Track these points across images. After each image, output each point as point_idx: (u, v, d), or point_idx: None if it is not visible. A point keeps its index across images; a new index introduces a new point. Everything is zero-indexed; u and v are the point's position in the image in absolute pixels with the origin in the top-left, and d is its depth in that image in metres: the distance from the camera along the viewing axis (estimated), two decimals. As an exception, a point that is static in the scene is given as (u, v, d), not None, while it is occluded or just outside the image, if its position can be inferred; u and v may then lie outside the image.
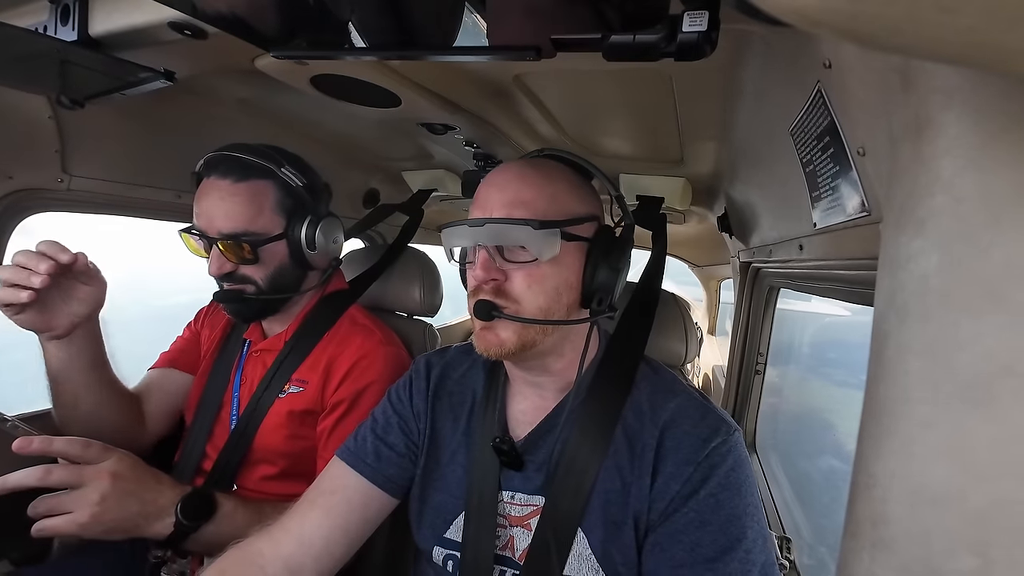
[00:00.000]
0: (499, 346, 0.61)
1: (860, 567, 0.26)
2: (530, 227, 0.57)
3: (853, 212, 0.50)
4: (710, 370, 2.56)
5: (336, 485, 0.71)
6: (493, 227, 0.59)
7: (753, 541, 0.56)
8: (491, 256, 0.61)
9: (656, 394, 0.66)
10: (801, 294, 1.29)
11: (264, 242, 0.87)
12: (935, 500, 0.23)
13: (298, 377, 0.94)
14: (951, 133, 0.23)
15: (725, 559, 0.54)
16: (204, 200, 0.86)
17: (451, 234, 0.63)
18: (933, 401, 0.23)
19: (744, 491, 0.58)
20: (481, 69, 0.77)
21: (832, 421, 2.32)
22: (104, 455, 0.69)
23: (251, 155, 0.87)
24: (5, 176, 0.86)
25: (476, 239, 0.60)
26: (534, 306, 0.61)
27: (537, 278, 0.60)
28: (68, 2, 0.64)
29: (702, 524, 0.56)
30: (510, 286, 0.61)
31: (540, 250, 0.59)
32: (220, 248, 0.85)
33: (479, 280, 0.61)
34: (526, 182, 0.62)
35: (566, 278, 0.62)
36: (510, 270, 0.61)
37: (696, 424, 0.61)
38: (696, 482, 0.58)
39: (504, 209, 0.60)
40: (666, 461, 0.60)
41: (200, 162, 0.88)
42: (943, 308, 0.23)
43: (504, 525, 0.67)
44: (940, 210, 0.24)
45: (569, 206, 0.62)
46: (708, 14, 0.36)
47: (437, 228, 0.65)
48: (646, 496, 0.60)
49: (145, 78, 0.72)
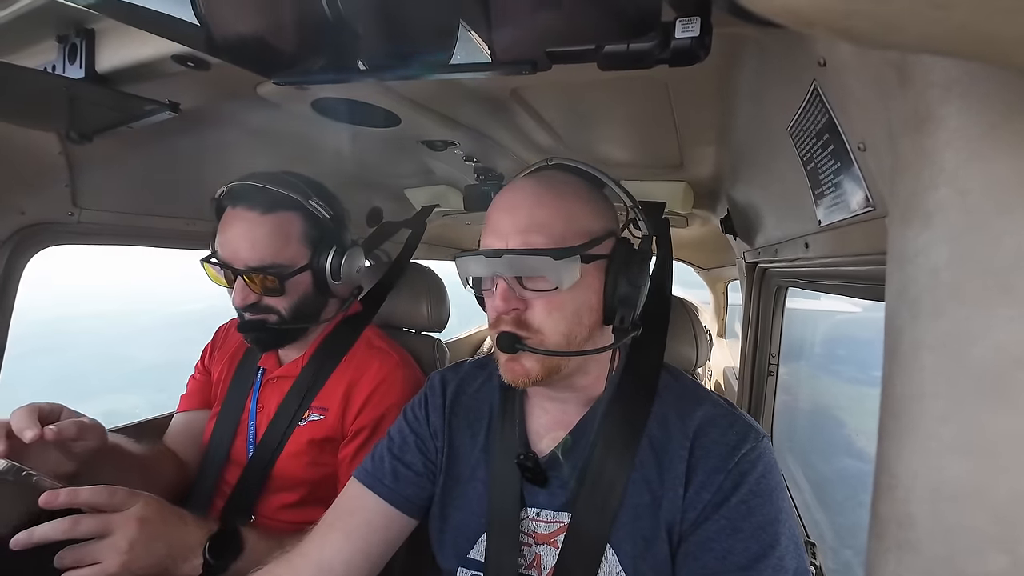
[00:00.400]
0: (525, 376, 0.61)
1: (887, 570, 0.25)
2: (550, 257, 0.56)
3: (857, 208, 0.50)
4: (721, 373, 2.53)
5: (355, 507, 0.70)
6: (511, 258, 0.57)
7: (786, 548, 0.54)
8: (510, 286, 0.59)
9: (682, 403, 0.65)
10: (809, 292, 1.28)
11: (290, 274, 0.87)
12: (956, 497, 0.22)
13: (318, 404, 0.93)
14: (951, 126, 0.23)
15: (758, 567, 0.53)
16: (229, 231, 0.85)
17: (467, 263, 0.61)
18: (948, 396, 0.23)
19: (775, 497, 0.57)
20: (478, 85, 0.78)
21: (843, 418, 2.28)
22: (130, 501, 0.67)
23: (278, 185, 0.87)
24: (18, 212, 0.88)
25: (493, 270, 0.59)
26: (556, 333, 0.60)
27: (557, 305, 0.59)
28: (75, 41, 0.66)
29: (734, 531, 0.55)
30: (530, 316, 0.60)
31: (560, 279, 0.57)
32: (245, 280, 0.85)
33: (499, 311, 0.59)
34: (540, 203, 0.60)
35: (587, 300, 0.61)
36: (530, 299, 0.60)
37: (725, 432, 0.61)
38: (727, 490, 0.57)
39: (520, 236, 0.59)
40: (697, 470, 0.59)
41: (222, 190, 0.88)
42: (955, 301, 0.23)
43: (529, 543, 0.65)
44: (946, 203, 0.23)
45: (586, 224, 0.61)
46: (700, 19, 0.37)
47: (452, 256, 0.64)
48: (679, 507, 0.59)
49: (151, 110, 0.74)
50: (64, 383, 23.67)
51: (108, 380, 25.41)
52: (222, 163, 1.11)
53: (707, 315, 3.28)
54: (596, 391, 0.68)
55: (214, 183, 0.91)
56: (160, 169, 1.05)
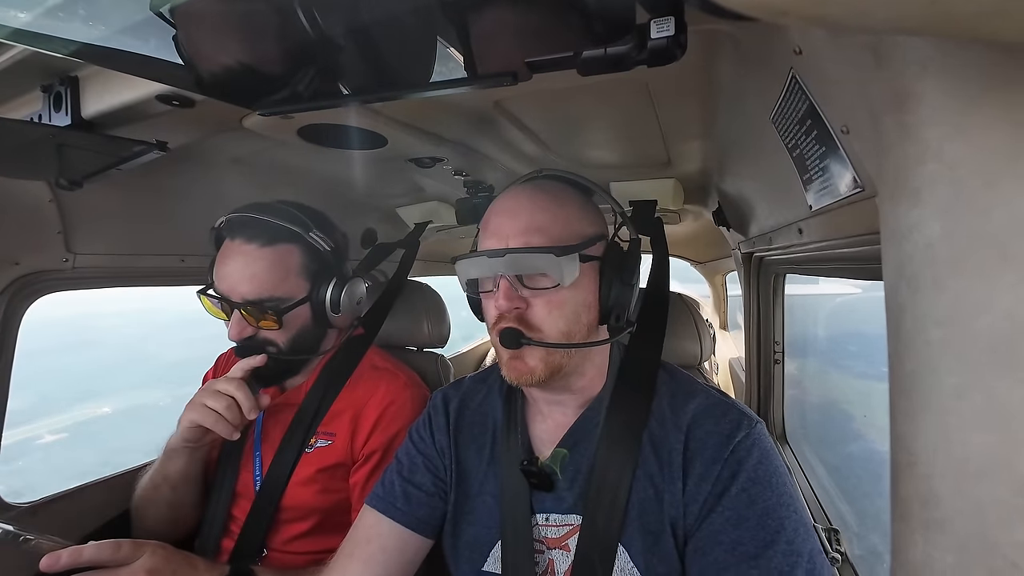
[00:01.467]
0: (529, 374, 0.61)
1: (915, 551, 0.25)
2: (552, 254, 0.58)
3: (846, 190, 0.50)
4: (727, 365, 2.53)
5: (371, 534, 0.70)
6: (513, 256, 0.59)
7: (794, 531, 0.54)
8: (512, 285, 0.60)
9: (676, 397, 0.66)
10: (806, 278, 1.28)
11: (288, 308, 0.86)
12: (981, 471, 0.22)
13: (324, 430, 0.92)
14: (931, 102, 0.24)
15: (768, 553, 0.53)
16: (228, 264, 0.84)
17: (468, 265, 0.63)
18: (961, 370, 0.23)
19: (775, 482, 0.57)
20: (461, 100, 0.79)
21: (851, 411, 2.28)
22: (136, 553, 0.66)
23: (278, 217, 0.86)
24: (12, 263, 0.88)
25: (496, 269, 0.60)
26: (556, 331, 0.61)
27: (557, 304, 0.61)
28: (60, 89, 0.67)
29: (739, 521, 0.56)
30: (531, 314, 0.61)
31: (562, 276, 0.59)
32: (242, 313, 0.84)
33: (502, 310, 0.60)
34: (538, 207, 0.62)
35: (584, 299, 0.62)
36: (530, 297, 0.61)
37: (718, 421, 0.61)
38: (726, 479, 0.58)
39: (521, 237, 0.60)
40: (694, 463, 0.60)
41: (222, 220, 0.87)
42: (955, 274, 0.23)
43: (541, 550, 0.65)
44: (934, 178, 0.24)
45: (580, 227, 0.63)
46: (674, 19, 0.37)
47: (451, 260, 0.66)
48: (679, 501, 0.59)
49: (139, 151, 0.75)
50: (92, 379, 23.76)
51: (133, 376, 25.57)
52: (213, 198, 1.12)
53: (708, 309, 3.29)
54: (593, 392, 0.69)
55: (206, 218, 0.91)
56: (151, 208, 1.05)
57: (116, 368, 27.51)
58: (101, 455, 22.41)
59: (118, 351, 30.60)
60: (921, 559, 0.25)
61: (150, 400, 19.88)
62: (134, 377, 25.03)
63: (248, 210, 0.87)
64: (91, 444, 24.36)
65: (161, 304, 39.62)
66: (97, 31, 0.44)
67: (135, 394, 22.54)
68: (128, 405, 28.05)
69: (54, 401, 25.06)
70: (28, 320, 0.94)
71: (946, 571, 0.23)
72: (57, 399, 25.50)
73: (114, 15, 0.42)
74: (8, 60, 0.62)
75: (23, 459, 23.33)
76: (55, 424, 26.93)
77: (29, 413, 24.35)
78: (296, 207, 0.91)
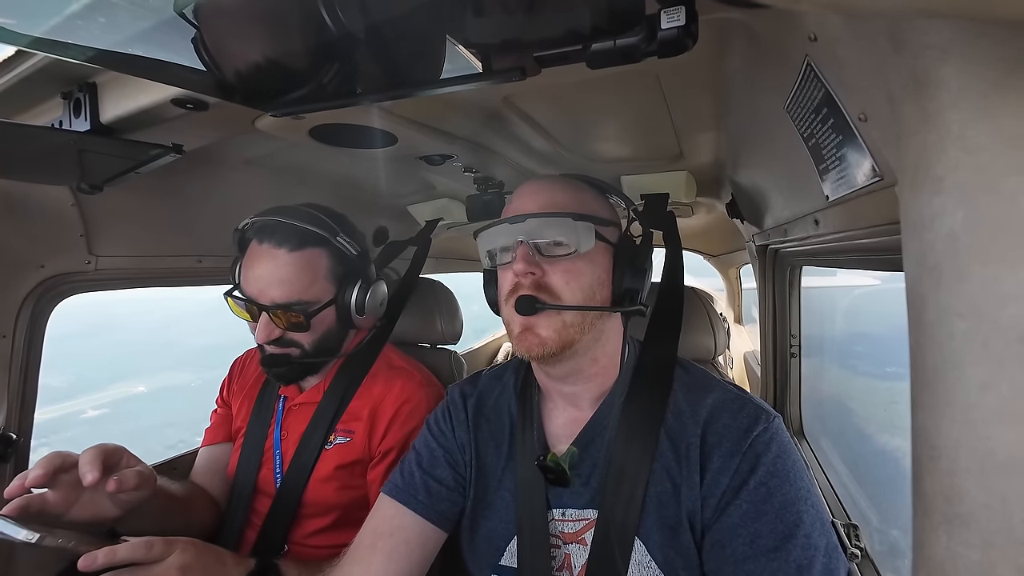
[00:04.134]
0: (540, 346, 0.62)
1: (938, 547, 0.24)
2: (569, 218, 0.62)
3: (865, 179, 0.49)
4: (741, 358, 2.50)
5: (393, 526, 0.71)
6: (533, 221, 0.63)
7: (811, 525, 0.55)
8: (530, 251, 0.63)
9: (692, 392, 0.66)
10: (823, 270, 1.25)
11: (316, 311, 0.87)
12: (1007, 465, 0.22)
13: (343, 427, 0.94)
14: (953, 86, 0.23)
15: (787, 547, 0.53)
16: (257, 267, 0.85)
17: (490, 234, 0.67)
18: (986, 361, 0.22)
19: (793, 476, 0.57)
20: (470, 96, 0.79)
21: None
22: (168, 550, 0.66)
23: (305, 221, 0.87)
24: (37, 266, 0.91)
25: (515, 235, 0.64)
26: (572, 300, 0.63)
27: (574, 273, 0.63)
28: (79, 96, 0.68)
29: (758, 515, 0.56)
30: (549, 280, 0.63)
31: (579, 242, 0.62)
32: (271, 316, 0.85)
33: (519, 273, 0.62)
34: (557, 188, 0.67)
35: (599, 276, 0.65)
36: (547, 265, 0.63)
37: (735, 416, 0.61)
38: (744, 473, 0.58)
39: (542, 201, 0.65)
40: (712, 457, 0.60)
41: (247, 222, 0.88)
42: (979, 264, 0.22)
43: (558, 544, 0.66)
44: (956, 164, 0.23)
45: (596, 210, 0.67)
46: (684, 8, 0.37)
47: (473, 234, 0.70)
48: (697, 495, 0.59)
49: (156, 154, 0.76)
50: (122, 361, 24.97)
51: (161, 359, 26.76)
52: (227, 199, 1.14)
53: (722, 302, 3.25)
54: (606, 385, 0.69)
55: (221, 220, 0.93)
56: (169, 210, 1.08)
57: (143, 351, 29.21)
58: (141, 429, 23.36)
59: (141, 335, 32.21)
60: (944, 555, 0.24)
61: (181, 381, 20.69)
62: (162, 360, 26.15)
63: (275, 214, 0.87)
64: (131, 419, 25.36)
65: (178, 293, 41.48)
66: (115, 37, 0.45)
67: (166, 375, 23.51)
68: (161, 385, 29.08)
69: (90, 380, 26.04)
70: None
71: (971, 568, 0.23)
72: (93, 378, 26.47)
73: (130, 21, 0.43)
74: (29, 68, 0.64)
75: (71, 431, 24.40)
76: (96, 401, 28.12)
77: (69, 390, 25.41)
78: (321, 210, 0.92)
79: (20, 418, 0.92)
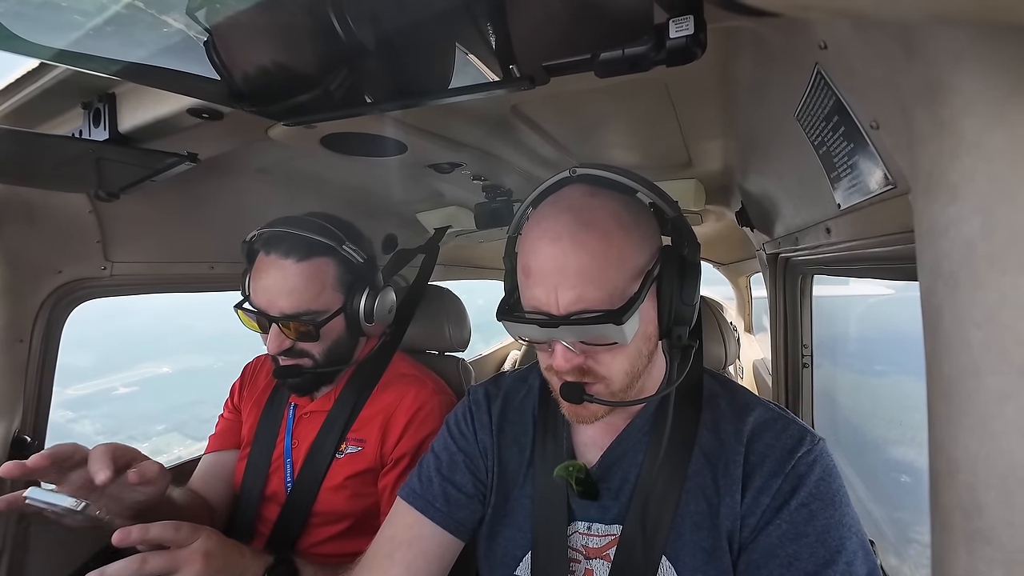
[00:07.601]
0: (592, 417, 0.60)
1: (958, 564, 0.24)
2: (611, 324, 0.52)
3: (877, 187, 0.49)
4: (751, 368, 2.46)
5: (411, 536, 0.69)
6: (567, 328, 0.54)
7: (854, 553, 0.52)
8: (569, 347, 0.56)
9: (733, 409, 0.64)
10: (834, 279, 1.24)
11: (325, 320, 0.88)
12: None
13: (354, 436, 0.94)
14: (967, 93, 0.23)
15: (826, 572, 0.51)
16: (265, 278, 0.86)
17: (519, 330, 0.58)
18: (1005, 371, 0.22)
19: (837, 501, 0.55)
20: (479, 105, 0.80)
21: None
22: (194, 536, 0.68)
23: (311, 231, 0.87)
24: (55, 271, 0.93)
25: (551, 336, 0.56)
26: (621, 374, 0.58)
27: (619, 349, 0.57)
28: (99, 106, 0.70)
29: (797, 536, 0.54)
30: (595, 364, 0.57)
31: (624, 337, 0.53)
32: (280, 327, 0.86)
33: (562, 370, 0.57)
34: (586, 250, 0.53)
35: (644, 330, 0.58)
36: (589, 352, 0.57)
37: (779, 435, 0.60)
38: (786, 493, 0.56)
39: (572, 292, 0.53)
40: (754, 475, 0.58)
41: (255, 234, 0.89)
42: (996, 272, 0.22)
43: (579, 559, 0.64)
44: (972, 172, 0.23)
45: (636, 261, 0.56)
46: (693, 17, 0.37)
47: (497, 317, 0.60)
48: (737, 513, 0.58)
49: (172, 163, 0.78)
50: (142, 343, 25.76)
51: (180, 343, 27.62)
52: (240, 207, 1.15)
53: (732, 311, 3.21)
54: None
55: (234, 227, 0.94)
56: (183, 218, 1.10)
57: (160, 336, 30.70)
58: (169, 406, 24.16)
59: (155, 319, 33.37)
60: (965, 572, 0.23)
61: (203, 364, 21.31)
62: (181, 343, 27.10)
63: (281, 224, 0.88)
64: (159, 398, 26.20)
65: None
66: (134, 50, 0.46)
67: (188, 357, 24.34)
68: (185, 366, 29.86)
69: (114, 360, 26.94)
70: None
71: None
72: (117, 358, 27.36)
73: (149, 35, 0.44)
74: (51, 80, 0.65)
75: (106, 406, 25.14)
76: (126, 379, 29.00)
77: (97, 369, 26.22)
78: (327, 219, 0.92)
79: (35, 422, 0.93)
